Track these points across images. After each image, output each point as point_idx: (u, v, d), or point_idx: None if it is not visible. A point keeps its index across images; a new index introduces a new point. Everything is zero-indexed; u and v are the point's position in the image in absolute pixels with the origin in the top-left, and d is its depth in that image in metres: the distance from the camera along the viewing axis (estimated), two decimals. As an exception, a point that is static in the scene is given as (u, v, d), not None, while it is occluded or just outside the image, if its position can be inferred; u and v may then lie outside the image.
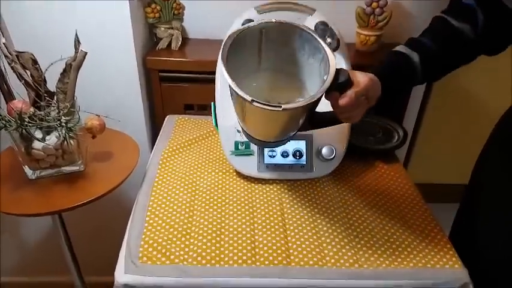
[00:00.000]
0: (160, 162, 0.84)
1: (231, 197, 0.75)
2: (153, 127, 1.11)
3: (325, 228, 0.68)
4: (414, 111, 1.36)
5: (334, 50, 0.76)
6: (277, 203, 0.73)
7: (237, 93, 0.50)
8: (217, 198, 0.74)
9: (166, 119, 1.02)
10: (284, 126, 0.62)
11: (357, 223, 0.70)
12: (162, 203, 0.73)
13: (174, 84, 1.03)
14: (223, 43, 0.54)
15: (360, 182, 0.80)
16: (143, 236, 0.66)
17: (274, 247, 0.64)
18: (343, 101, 0.55)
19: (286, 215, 0.71)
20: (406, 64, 0.62)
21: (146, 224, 0.68)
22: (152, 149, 0.91)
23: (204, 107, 1.06)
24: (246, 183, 0.78)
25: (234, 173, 0.81)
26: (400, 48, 0.65)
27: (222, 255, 0.62)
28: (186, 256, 0.62)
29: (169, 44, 1.07)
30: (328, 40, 0.77)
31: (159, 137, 0.95)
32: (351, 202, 0.75)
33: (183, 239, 0.66)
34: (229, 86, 0.52)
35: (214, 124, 0.82)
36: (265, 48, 0.58)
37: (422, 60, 0.62)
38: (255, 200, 0.74)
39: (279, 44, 0.57)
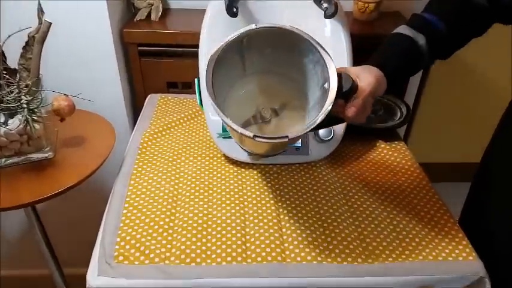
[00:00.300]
0: (140, 146, 0.76)
1: (219, 185, 0.67)
2: (133, 108, 1.01)
3: (323, 218, 0.61)
4: (415, 84, 1.28)
5: (331, 16, 0.67)
6: (270, 190, 0.66)
7: (238, 132, 0.44)
8: (203, 186, 0.67)
9: (147, 98, 0.93)
10: (286, 145, 0.58)
11: (358, 211, 0.63)
12: (142, 193, 0.65)
13: (155, 60, 0.93)
14: (206, 69, 0.47)
15: (360, 165, 0.73)
16: (119, 232, 0.59)
17: (268, 241, 0.57)
18: (350, 111, 0.50)
19: (280, 204, 0.64)
20: (412, 50, 0.56)
21: (123, 218, 0.61)
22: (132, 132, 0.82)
23: (189, 84, 0.97)
24: (235, 169, 0.71)
25: (222, 158, 0.73)
26: (403, 29, 0.57)
27: (209, 252, 0.55)
28: (167, 254, 0.55)
29: (149, 15, 0.96)
30: (325, 5, 0.67)
31: (139, 118, 0.86)
32: (351, 188, 0.68)
33: (164, 234, 0.58)
34: (226, 123, 0.46)
35: (198, 103, 0.73)
36: (248, 54, 0.52)
37: (430, 41, 0.56)
38: (245, 187, 0.67)
39: (263, 47, 0.52)
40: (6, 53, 0.68)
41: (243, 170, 0.70)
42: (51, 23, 0.67)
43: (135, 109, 1.01)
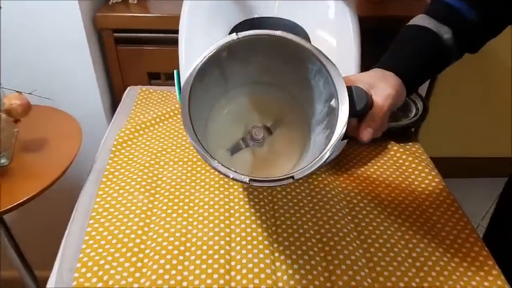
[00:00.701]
0: (113, 149, 0.65)
1: (201, 196, 0.57)
2: (112, 104, 0.91)
3: (324, 240, 0.51)
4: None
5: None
6: (261, 203, 0.56)
7: (230, 177, 0.36)
8: (183, 198, 0.57)
9: (126, 91, 0.82)
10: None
11: (367, 230, 0.53)
12: (111, 207, 0.55)
13: (134, 47, 0.82)
14: (181, 100, 0.37)
15: (369, 172, 0.63)
16: (81, 256, 0.49)
17: (257, 269, 0.47)
18: (366, 134, 0.41)
19: (273, 220, 0.54)
20: (436, 47, 0.45)
21: (87, 238, 0.51)
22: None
23: (173, 75, 0.86)
24: (221, 176, 0.61)
25: (207, 164, 0.63)
26: (422, 21, 0.46)
27: (185, 284, 0.46)
28: (135, 286, 0.46)
29: (127, -4, 0.85)
30: (329, -19, 0.56)
31: (115, 115, 0.76)
32: (358, 201, 0.57)
33: (133, 259, 0.49)
34: (214, 168, 0.37)
35: (178, 98, 0.63)
36: (230, 66, 0.42)
37: (457, 34, 0.45)
38: (232, 200, 0.57)
39: (248, 56, 0.42)
40: None
41: (230, 178, 0.60)
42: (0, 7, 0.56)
43: (114, 104, 0.90)
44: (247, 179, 0.34)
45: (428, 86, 1.22)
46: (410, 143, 0.68)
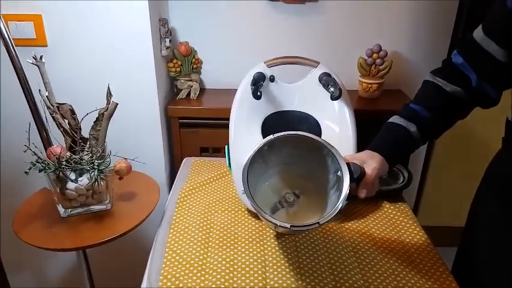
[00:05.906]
0: (178, 201, 0.90)
1: (243, 235, 0.79)
2: (172, 169, 1.18)
3: (335, 273, 0.70)
4: (421, 154, 1.39)
5: (336, 98, 0.83)
6: (287, 241, 0.78)
7: (277, 225, 0.54)
8: (230, 236, 0.79)
9: (183, 161, 1.10)
10: None
11: (365, 262, 0.72)
12: (180, 240, 0.78)
13: (192, 130, 1.12)
14: (242, 179, 0.58)
15: (367, 222, 0.83)
16: (162, 271, 0.71)
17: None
18: (362, 193, 0.61)
19: (299, 249, 0.75)
20: (405, 137, 0.66)
21: (165, 260, 0.73)
22: (170, 189, 0.98)
23: (218, 149, 1.14)
24: (257, 221, 0.83)
25: (246, 211, 0.86)
26: (396, 119, 0.68)
27: (234, 294, 0.66)
28: (200, 291, 0.67)
29: (189, 94, 1.17)
30: (331, 89, 0.84)
31: (176, 177, 1.02)
32: (359, 242, 0.78)
33: (198, 274, 0.70)
34: (267, 220, 0.55)
35: (227, 165, 0.88)
36: (269, 155, 0.64)
37: (420, 128, 0.66)
38: (265, 238, 0.79)
39: (282, 147, 0.63)
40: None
41: (263, 222, 0.83)
42: (117, 104, 0.86)
43: (173, 170, 1.18)
44: (288, 225, 0.54)
45: (424, 162, 1.44)
46: (399, 203, 0.90)
